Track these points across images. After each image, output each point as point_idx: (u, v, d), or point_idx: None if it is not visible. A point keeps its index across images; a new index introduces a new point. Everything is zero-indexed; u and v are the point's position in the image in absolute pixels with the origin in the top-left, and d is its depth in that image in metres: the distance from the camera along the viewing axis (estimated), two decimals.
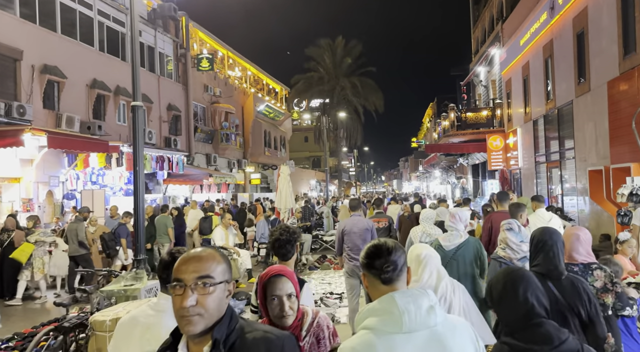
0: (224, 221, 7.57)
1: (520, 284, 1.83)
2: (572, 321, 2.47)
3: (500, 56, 16.94)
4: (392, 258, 1.64)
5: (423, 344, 1.48)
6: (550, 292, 2.49)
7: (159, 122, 19.65)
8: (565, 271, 2.64)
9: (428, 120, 41.27)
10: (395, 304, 1.51)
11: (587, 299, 2.53)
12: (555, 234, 2.75)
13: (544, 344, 1.70)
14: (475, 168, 20.51)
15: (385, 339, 1.49)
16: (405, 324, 1.48)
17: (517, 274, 1.90)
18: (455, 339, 1.53)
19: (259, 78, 32.05)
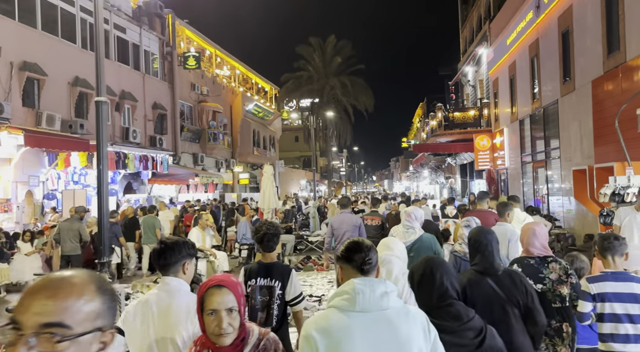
0: (201, 221, 7.36)
1: (438, 270, 2.08)
2: (512, 311, 2.67)
3: (488, 56, 16.90)
4: (371, 254, 1.87)
5: (373, 323, 1.68)
6: (489, 288, 2.70)
7: (144, 121, 19.35)
8: (501, 267, 2.81)
9: (418, 120, 41.26)
10: (353, 287, 1.73)
11: (524, 290, 2.73)
12: (490, 233, 2.91)
13: (455, 320, 1.98)
14: (464, 168, 20.48)
15: (341, 315, 1.72)
16: (358, 303, 1.69)
17: (435, 261, 2.14)
18: (405, 322, 1.70)
19: (248, 77, 31.81)
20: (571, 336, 3.14)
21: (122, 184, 17.63)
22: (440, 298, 2.04)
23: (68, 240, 8.73)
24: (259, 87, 33.51)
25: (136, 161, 15.77)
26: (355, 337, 1.68)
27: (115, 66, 17.68)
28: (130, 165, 15.47)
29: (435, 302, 2.03)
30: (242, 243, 10.27)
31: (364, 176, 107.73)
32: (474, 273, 2.81)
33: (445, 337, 1.85)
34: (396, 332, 1.69)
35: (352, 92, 34.07)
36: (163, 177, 18.63)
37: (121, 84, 17.85)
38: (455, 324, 1.98)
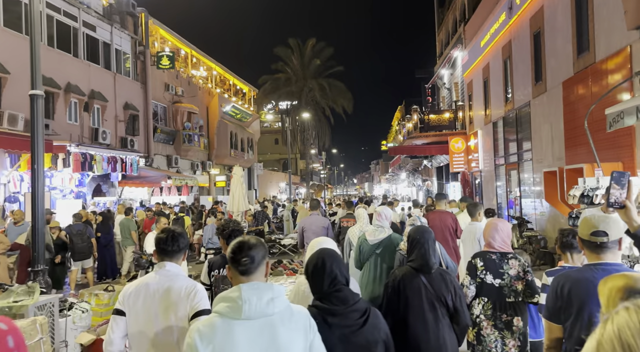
0: (159, 225, 6.98)
1: (328, 260, 2.24)
2: (440, 309, 2.90)
3: (463, 58, 16.92)
4: (251, 253, 1.88)
5: (257, 330, 1.71)
6: (421, 284, 2.94)
7: (114, 121, 18.82)
8: (435, 266, 3.02)
9: (397, 123, 41.37)
10: (240, 295, 1.73)
11: (453, 290, 2.94)
12: (427, 232, 3.14)
13: (342, 304, 2.18)
14: (440, 170, 20.47)
15: (226, 323, 1.72)
16: (244, 312, 1.71)
17: (327, 252, 2.30)
18: (287, 327, 1.76)
19: (226, 78, 31.38)
20: (522, 329, 3.27)
21: (90, 186, 17.07)
22: (331, 284, 2.21)
23: None
24: (237, 89, 33.10)
25: (104, 163, 15.26)
26: (238, 346, 1.71)
27: (84, 65, 17.14)
28: (97, 167, 14.95)
29: (326, 289, 2.20)
30: (208, 247, 9.89)
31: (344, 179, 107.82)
32: (409, 269, 3.02)
33: (333, 320, 2.13)
34: (278, 338, 1.74)
35: (330, 94, 33.90)
36: (134, 180, 18.10)
37: (90, 83, 17.32)
38: (342, 307, 2.18)
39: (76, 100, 16.50)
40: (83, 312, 4.33)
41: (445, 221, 6.22)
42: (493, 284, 3.22)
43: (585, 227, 2.31)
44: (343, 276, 2.23)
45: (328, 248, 2.37)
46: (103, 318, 4.95)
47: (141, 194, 20.20)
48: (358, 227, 5.76)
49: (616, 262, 2.28)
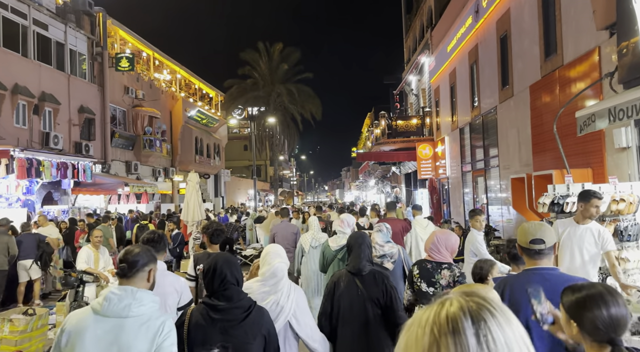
0: (92, 238, 6.26)
1: (220, 263, 2.43)
2: (372, 309, 3.12)
3: (430, 64, 16.78)
4: (131, 259, 2.15)
5: (109, 327, 1.96)
6: (355, 286, 3.18)
7: (68, 125, 17.78)
8: (366, 268, 3.26)
9: (367, 129, 41.28)
10: (106, 294, 2.01)
11: (384, 290, 3.17)
12: (361, 237, 3.42)
13: (227, 301, 2.38)
14: (408, 177, 20.24)
15: (89, 315, 2.01)
16: (103, 309, 1.99)
17: (222, 256, 2.51)
18: (135, 331, 1.96)
19: (191, 82, 30.48)
20: None
21: (40, 194, 15.98)
22: (220, 284, 2.40)
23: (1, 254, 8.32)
24: (203, 93, 32.23)
25: (53, 169, 14.23)
26: (88, 337, 1.94)
27: (34, 65, 16.11)
28: (46, 174, 13.92)
29: (216, 287, 2.40)
30: None
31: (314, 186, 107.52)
32: (345, 272, 3.29)
33: (216, 315, 2.34)
34: (121, 338, 1.94)
35: (299, 100, 33.41)
36: (88, 187, 17.08)
37: (41, 84, 16.29)
38: (227, 304, 2.38)
39: (24, 103, 15.45)
40: None
41: (396, 228, 6.42)
42: (427, 292, 3.34)
43: (523, 235, 2.50)
44: (233, 276, 2.42)
45: (222, 254, 2.62)
46: (16, 348, 4.26)
47: (97, 202, 19.13)
48: (310, 235, 6.08)
49: (550, 266, 2.47)
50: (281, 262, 2.84)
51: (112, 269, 6.35)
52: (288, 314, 2.76)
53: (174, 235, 9.63)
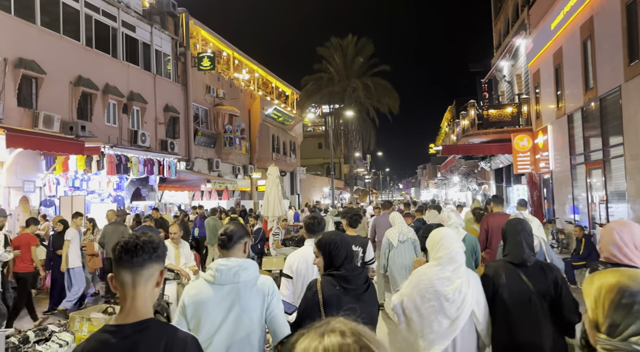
0: (170, 234, 5.86)
1: (344, 240, 2.74)
2: (541, 305, 2.75)
3: (527, 46, 15.12)
4: (229, 232, 2.49)
5: (226, 293, 2.29)
6: (519, 279, 2.82)
7: (154, 124, 18.36)
8: (530, 258, 2.87)
9: (446, 124, 39.25)
10: (216, 266, 2.35)
11: (555, 283, 2.78)
12: (520, 223, 3.01)
13: (353, 271, 2.68)
14: (499, 173, 18.56)
15: (206, 286, 2.33)
16: (217, 279, 2.32)
17: (341, 234, 2.85)
18: (249, 293, 2.34)
19: (268, 80, 30.70)
20: None
21: (129, 190, 16.60)
22: (345, 258, 2.65)
23: (112, 243, 8.24)
24: (280, 91, 32.37)
25: (140, 165, 14.62)
26: (211, 304, 2.28)
27: (123, 66, 16.75)
28: (133, 170, 14.33)
29: (341, 261, 2.63)
30: None
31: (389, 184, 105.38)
32: (504, 263, 2.91)
33: (348, 285, 2.58)
34: (239, 300, 2.32)
35: (375, 94, 32.36)
36: (173, 183, 17.51)
37: (129, 84, 16.91)
38: (354, 274, 2.63)
39: (115, 102, 16.10)
40: (61, 345, 3.32)
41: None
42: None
43: None
44: (352, 252, 2.72)
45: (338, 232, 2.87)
46: None
47: (182, 198, 19.64)
48: (397, 229, 6.34)
49: None
50: (460, 247, 2.75)
51: (194, 266, 5.97)
52: (471, 301, 2.65)
53: (256, 230, 9.24)
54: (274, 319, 2.33)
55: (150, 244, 1.62)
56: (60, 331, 3.62)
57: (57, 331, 3.58)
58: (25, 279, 7.19)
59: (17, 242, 7.36)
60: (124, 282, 1.60)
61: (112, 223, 9.03)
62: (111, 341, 1.51)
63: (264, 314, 2.33)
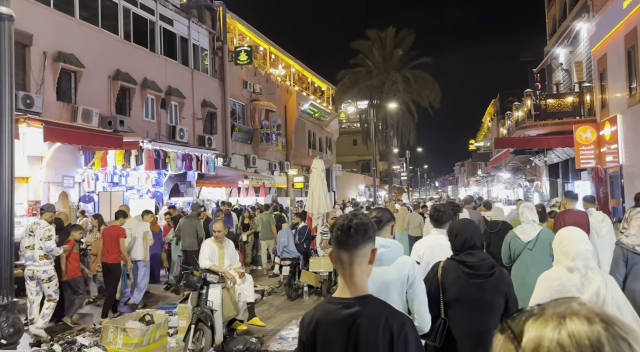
0: (213, 232, 5.20)
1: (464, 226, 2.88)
2: None
3: (589, 30, 13.86)
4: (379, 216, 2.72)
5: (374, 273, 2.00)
6: None
7: (192, 119, 18.11)
8: None
9: (489, 119, 37.59)
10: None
11: None
12: None
13: (474, 258, 2.76)
14: (554, 168, 17.26)
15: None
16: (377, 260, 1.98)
17: (464, 221, 3.03)
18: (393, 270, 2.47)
19: (304, 76, 30.16)
20: None
21: (167, 186, 16.38)
22: (464, 244, 2.80)
23: (187, 236, 9.17)
24: (315, 87, 31.77)
25: (178, 161, 14.30)
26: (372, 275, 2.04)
27: (161, 60, 16.52)
28: (172, 165, 14.01)
29: (460, 247, 2.81)
30: (283, 257, 8.09)
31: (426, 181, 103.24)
32: None
33: (467, 270, 2.70)
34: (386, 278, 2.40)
35: (415, 87, 31.21)
36: (211, 180, 17.20)
37: (167, 79, 16.68)
38: (475, 260, 2.74)
39: (153, 97, 15.88)
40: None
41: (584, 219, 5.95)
42: None
43: None
44: (480, 241, 2.85)
45: (465, 220, 3.11)
46: None
47: (219, 194, 19.34)
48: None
49: None
50: (587, 248, 2.62)
51: (239, 268, 5.35)
52: (612, 306, 2.48)
53: (301, 228, 8.59)
54: (414, 300, 2.44)
55: (362, 226, 1.73)
56: (91, 345, 3.09)
57: (87, 345, 3.05)
58: (114, 270, 7.56)
59: (106, 234, 7.74)
60: (342, 260, 1.72)
61: (187, 217, 9.63)
62: (337, 310, 1.67)
63: (404, 295, 2.45)
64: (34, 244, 6.40)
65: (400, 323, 1.63)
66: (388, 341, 1.60)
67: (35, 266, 6.29)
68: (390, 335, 1.60)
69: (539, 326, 0.69)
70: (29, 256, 6.40)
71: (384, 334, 1.60)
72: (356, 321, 1.62)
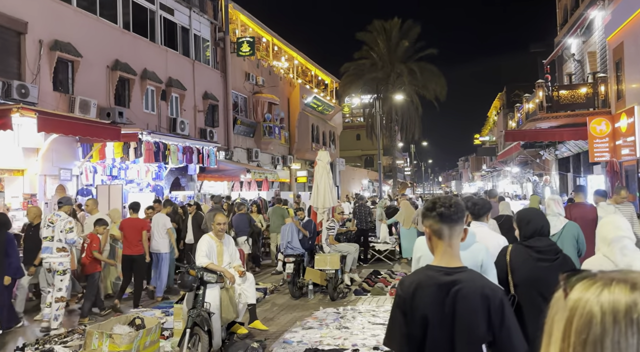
0: (214, 225, 4.77)
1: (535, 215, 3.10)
2: None
3: (604, 19, 13.37)
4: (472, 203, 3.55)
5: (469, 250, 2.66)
6: None
7: (193, 111, 17.71)
8: None
9: (495, 113, 37.04)
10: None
11: None
12: None
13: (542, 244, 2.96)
14: (564, 162, 16.79)
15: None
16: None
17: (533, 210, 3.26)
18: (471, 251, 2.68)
19: (307, 68, 29.69)
20: None
21: (168, 180, 16.03)
22: (534, 232, 2.97)
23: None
24: (319, 80, 31.31)
25: (179, 153, 13.92)
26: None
27: (161, 51, 16.11)
28: (172, 158, 13.64)
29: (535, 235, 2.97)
30: (286, 254, 7.70)
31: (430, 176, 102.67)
32: None
33: (535, 254, 2.89)
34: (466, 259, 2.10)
35: (421, 79, 30.67)
36: (213, 173, 16.84)
37: (168, 70, 16.28)
38: (542, 245, 2.93)
39: (153, 88, 15.49)
40: None
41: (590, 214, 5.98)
42: None
43: None
44: (547, 228, 3.02)
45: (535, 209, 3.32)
46: None
47: (221, 188, 18.97)
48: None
49: None
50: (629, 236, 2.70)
51: (239, 266, 4.94)
52: None
53: (305, 223, 8.20)
54: None
55: (460, 206, 1.97)
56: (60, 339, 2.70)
57: None
58: (140, 261, 7.63)
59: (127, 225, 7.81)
60: (443, 234, 1.92)
61: (211, 210, 9.83)
62: (438, 276, 1.88)
63: None
64: (53, 235, 6.33)
65: (497, 292, 1.85)
66: (486, 306, 1.79)
67: (52, 257, 6.23)
68: (488, 302, 1.80)
69: (585, 287, 0.72)
70: (46, 246, 6.33)
71: (482, 300, 1.80)
72: (456, 286, 1.83)
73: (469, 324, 1.78)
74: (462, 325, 1.78)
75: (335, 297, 7.35)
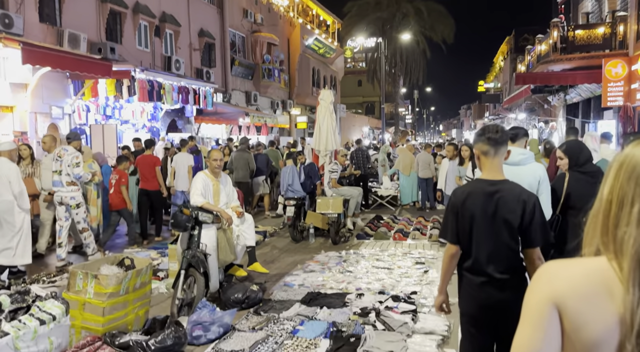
0: (210, 161, 4.32)
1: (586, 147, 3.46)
2: None
3: None
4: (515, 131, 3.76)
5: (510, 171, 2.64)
6: None
7: (188, 50, 16.92)
8: None
9: (501, 58, 35.76)
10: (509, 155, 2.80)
11: None
12: None
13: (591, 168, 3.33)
14: (573, 108, 16.24)
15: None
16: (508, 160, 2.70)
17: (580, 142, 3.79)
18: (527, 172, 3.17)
19: (308, 7, 28.24)
20: None
21: (165, 121, 15.57)
22: (587, 159, 3.31)
23: (240, 169, 9.70)
24: (321, 20, 29.88)
25: (174, 93, 13.37)
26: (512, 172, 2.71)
27: None
28: (167, 98, 13.11)
29: (583, 160, 3.30)
30: (287, 197, 7.43)
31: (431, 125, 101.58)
32: None
33: (584, 178, 3.22)
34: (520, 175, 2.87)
35: (428, 20, 29.28)
36: (210, 116, 16.36)
37: (162, 4, 15.36)
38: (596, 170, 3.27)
39: (146, 23, 14.65)
40: (43, 322, 2.16)
41: None
42: None
43: None
44: (591, 156, 3.38)
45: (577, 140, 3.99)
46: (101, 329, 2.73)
47: (219, 132, 18.53)
48: None
49: None
50: None
51: (237, 206, 4.66)
52: None
53: (308, 164, 7.86)
54: (542, 194, 3.06)
55: (504, 131, 2.45)
56: (47, 297, 2.45)
57: (43, 297, 2.42)
58: (155, 195, 8.07)
59: (141, 162, 8.19)
60: (489, 153, 2.36)
61: (238, 150, 10.00)
62: (485, 186, 2.37)
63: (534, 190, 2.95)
64: (61, 169, 6.24)
65: (532, 197, 2.33)
66: (522, 207, 2.28)
67: (63, 191, 6.23)
68: (524, 204, 2.28)
69: (634, 145, 0.92)
70: (56, 180, 6.28)
71: (519, 202, 2.29)
72: (498, 193, 2.31)
73: (505, 220, 2.27)
74: (500, 221, 2.28)
75: (338, 241, 7.17)
